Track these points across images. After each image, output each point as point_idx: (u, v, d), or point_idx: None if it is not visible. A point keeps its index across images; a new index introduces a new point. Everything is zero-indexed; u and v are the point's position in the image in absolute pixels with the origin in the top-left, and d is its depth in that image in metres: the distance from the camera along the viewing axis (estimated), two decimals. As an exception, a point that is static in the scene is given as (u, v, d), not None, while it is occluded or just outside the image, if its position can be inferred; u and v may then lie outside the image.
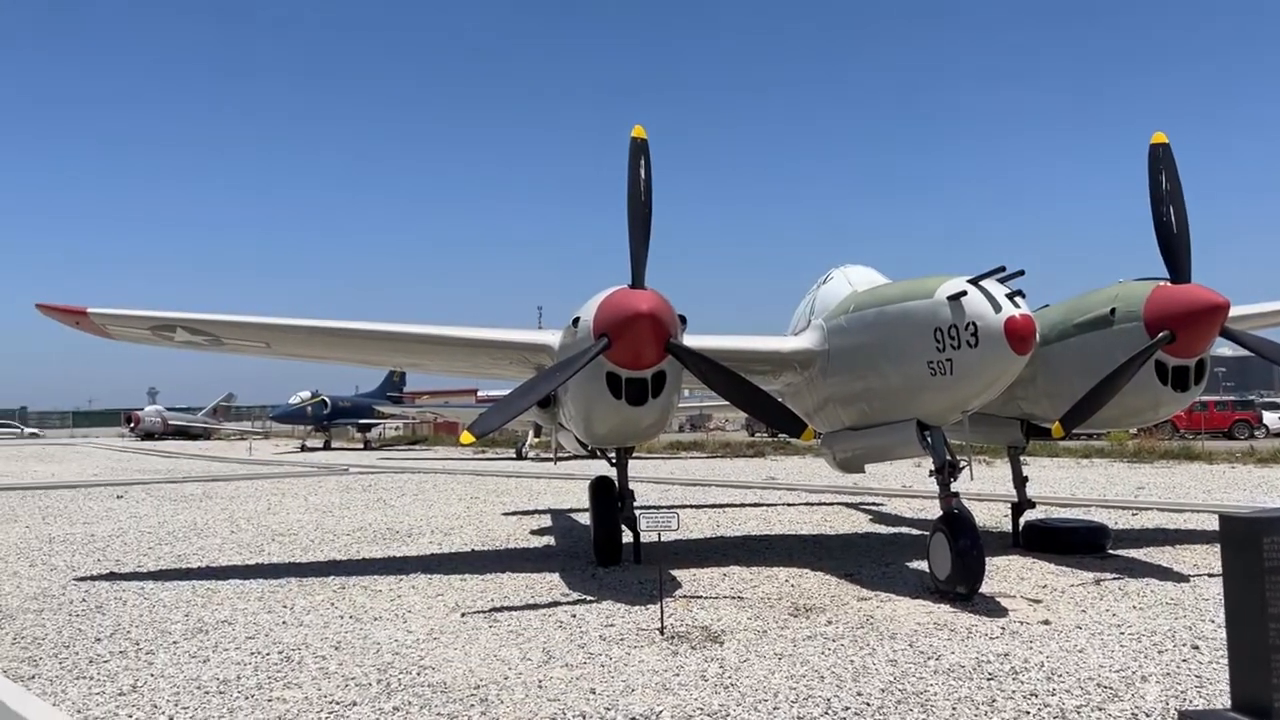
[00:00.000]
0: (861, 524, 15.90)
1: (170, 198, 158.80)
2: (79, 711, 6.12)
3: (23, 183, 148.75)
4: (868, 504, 18.74)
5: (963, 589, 9.11)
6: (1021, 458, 13.24)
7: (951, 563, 9.14)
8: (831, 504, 18.93)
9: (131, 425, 73.71)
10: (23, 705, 6.09)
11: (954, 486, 9.74)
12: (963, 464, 9.88)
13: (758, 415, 11.13)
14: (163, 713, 6.09)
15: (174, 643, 8.00)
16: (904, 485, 21.79)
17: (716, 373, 10.07)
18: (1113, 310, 10.84)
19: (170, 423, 73.60)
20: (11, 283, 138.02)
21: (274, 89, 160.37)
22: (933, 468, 9.88)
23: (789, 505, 18.89)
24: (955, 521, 9.30)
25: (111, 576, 11.41)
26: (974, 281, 9.28)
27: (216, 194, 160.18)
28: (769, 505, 18.94)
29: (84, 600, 9.93)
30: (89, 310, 11.81)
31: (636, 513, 9.95)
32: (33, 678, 6.94)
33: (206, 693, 6.52)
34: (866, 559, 11.89)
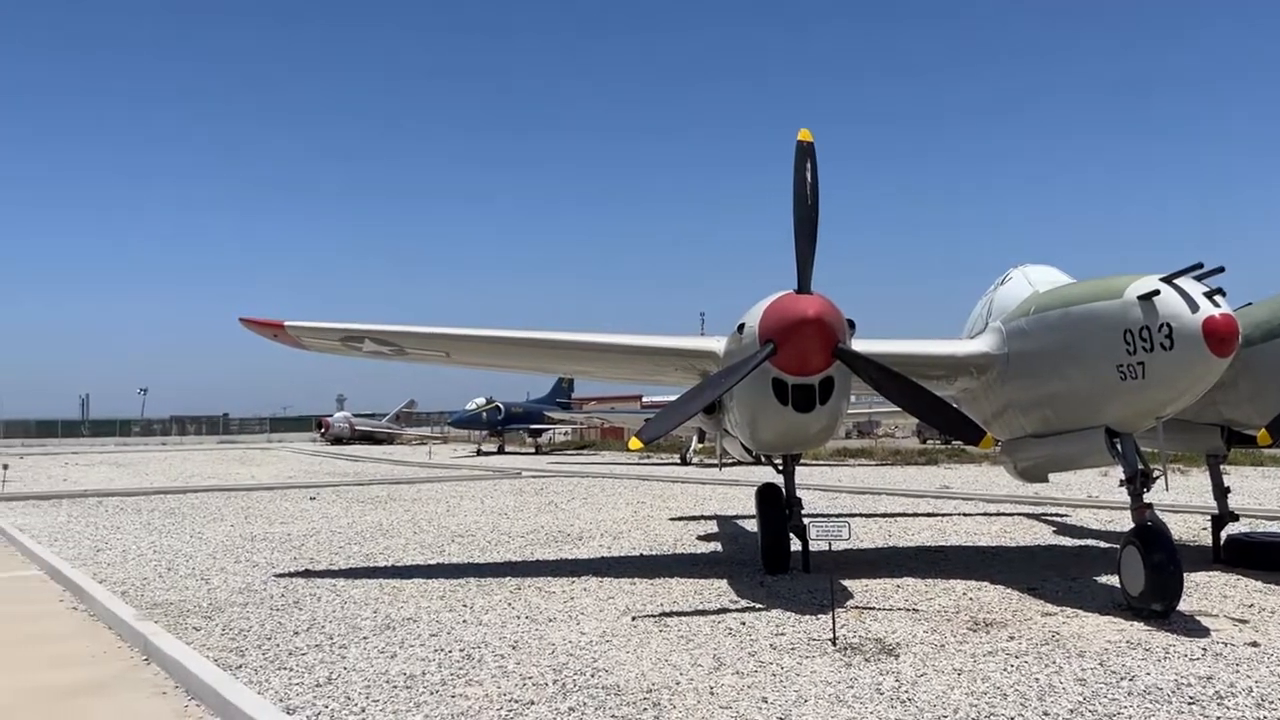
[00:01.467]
0: (1044, 535, 15.19)
1: (353, 214, 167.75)
2: (281, 700, 6.54)
3: (225, 203, 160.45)
4: (1050, 514, 17.88)
5: (1158, 606, 8.57)
6: (1222, 466, 12.33)
7: (1146, 578, 8.61)
8: (1011, 514, 18.16)
9: (322, 430, 78.17)
10: (232, 693, 6.56)
11: (1147, 497, 9.19)
12: (1156, 473, 9.31)
13: (933, 422, 10.83)
14: (356, 704, 6.44)
15: (364, 638, 8.44)
16: (1089, 495, 20.67)
17: (888, 378, 9.85)
18: None
19: (357, 428, 77.56)
20: (217, 299, 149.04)
21: (441, 100, 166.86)
22: (1123, 477, 9.35)
23: (965, 515, 18.24)
24: (1149, 534, 8.76)
25: (307, 573, 12.15)
26: (1168, 280, 8.73)
27: (390, 210, 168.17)
28: (944, 515, 18.34)
29: (283, 595, 10.62)
30: (286, 323, 12.65)
31: (805, 521, 9.83)
32: (240, 667, 7.46)
33: (394, 686, 6.85)
34: (1050, 572, 11.34)
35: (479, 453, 55.06)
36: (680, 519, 18.29)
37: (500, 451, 56.06)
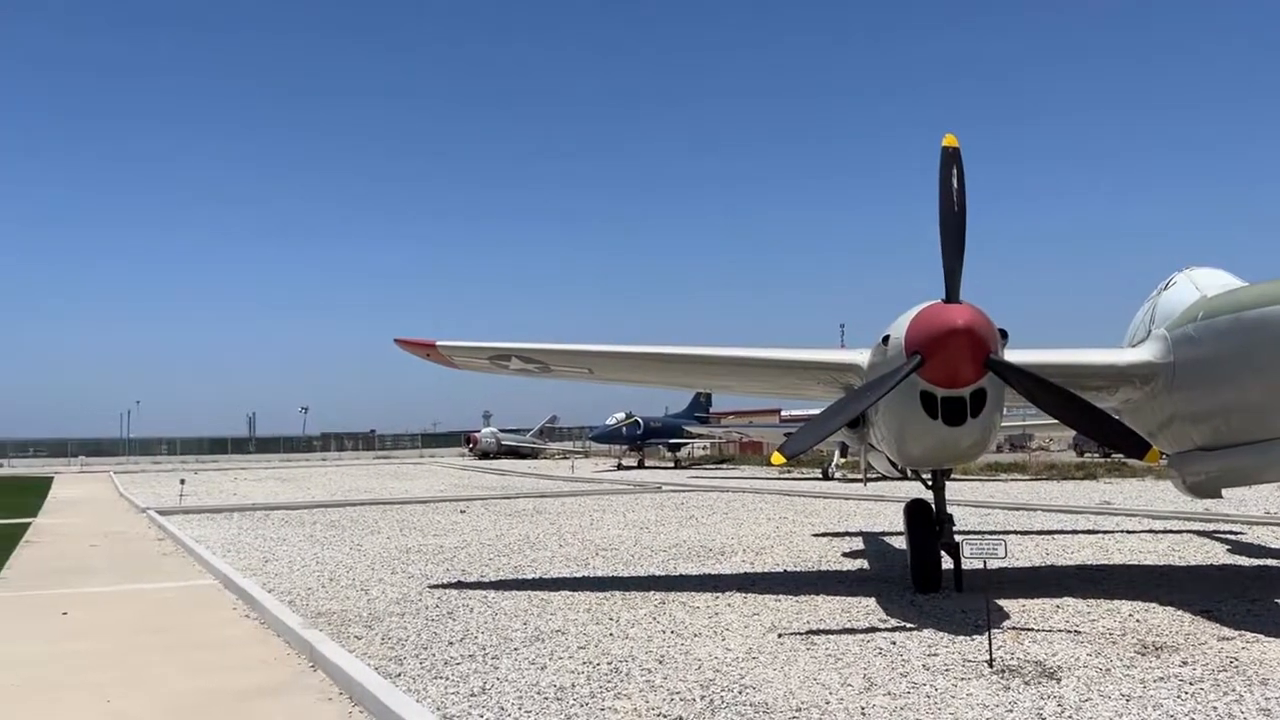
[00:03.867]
0: (1217, 554, 14.27)
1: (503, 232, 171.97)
2: (438, 709, 6.75)
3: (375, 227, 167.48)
4: (1223, 532, 16.78)
5: (1352, 633, 7.92)
6: None
7: (1336, 603, 7.98)
8: (1179, 531, 17.15)
9: (471, 445, 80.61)
10: (393, 700, 6.81)
11: (1336, 515, 8.52)
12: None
13: (1094, 435, 10.36)
14: (509, 715, 6.58)
15: (515, 649, 8.64)
16: (1266, 511, 19.34)
17: (1045, 390, 9.48)
18: None
19: (503, 443, 79.67)
20: (371, 321, 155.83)
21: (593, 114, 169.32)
22: (1308, 493, 8.70)
23: (1128, 532, 17.32)
24: (1340, 555, 8.12)
25: (459, 585, 12.53)
26: (1355, 280, 8.11)
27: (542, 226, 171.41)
28: (1105, 532, 17.47)
29: (437, 606, 10.97)
30: (437, 343, 13.16)
31: (958, 539, 9.54)
32: (399, 675, 7.74)
33: (546, 698, 6.97)
34: (1226, 594, 10.64)
35: (619, 467, 55.66)
36: (824, 535, 18.01)
37: (640, 466, 56.51)
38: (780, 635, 8.98)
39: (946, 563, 11.15)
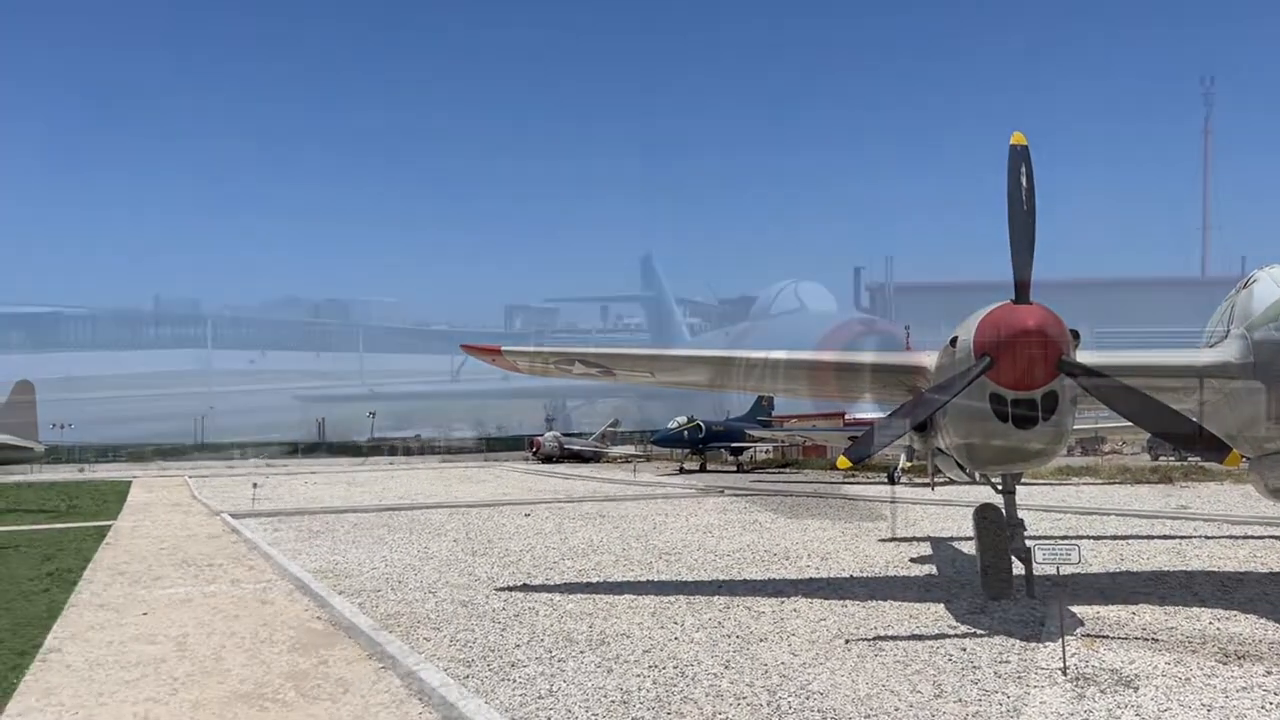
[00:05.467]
0: (1302, 561, 13.80)
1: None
2: (507, 711, 6.82)
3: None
4: (1309, 538, 16.22)
5: None
6: None
7: None
8: (1261, 537, 16.61)
9: (533, 450, 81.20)
10: (463, 702, 6.90)
11: None
12: None
13: (1171, 438, 10.13)
14: (576, 718, 6.63)
15: (580, 652, 8.69)
16: (1356, 517, 18.59)
17: (1120, 392, 9.27)
18: None
19: (566, 446, 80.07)
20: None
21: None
22: (1400, 498, 8.37)
23: (1207, 538, 16.82)
24: None
25: (525, 588, 12.63)
26: None
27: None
28: (1182, 538, 16.99)
29: (504, 609, 11.07)
30: (503, 349, 13.31)
31: (1030, 544, 9.37)
32: (467, 677, 7.84)
33: (612, 701, 7.01)
34: (1312, 602, 10.29)
35: (681, 471, 55.54)
36: (891, 540, 17.79)
37: (702, 470, 56.30)
38: (847, 641, 8.91)
39: (1017, 568, 10.95)
